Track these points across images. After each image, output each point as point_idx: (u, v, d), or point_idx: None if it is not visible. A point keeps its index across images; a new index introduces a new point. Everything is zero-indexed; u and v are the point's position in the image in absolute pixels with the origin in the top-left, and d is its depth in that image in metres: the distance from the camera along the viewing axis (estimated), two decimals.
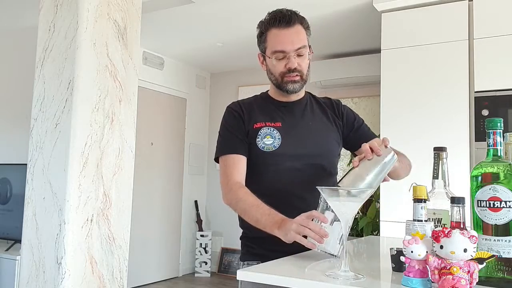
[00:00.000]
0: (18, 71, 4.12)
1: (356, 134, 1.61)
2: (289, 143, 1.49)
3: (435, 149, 1.12)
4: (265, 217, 1.31)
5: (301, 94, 1.58)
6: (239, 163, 1.48)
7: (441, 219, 1.06)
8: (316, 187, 1.08)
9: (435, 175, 1.11)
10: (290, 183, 1.47)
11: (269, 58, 1.50)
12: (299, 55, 1.48)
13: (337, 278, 0.94)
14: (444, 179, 1.10)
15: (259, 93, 1.66)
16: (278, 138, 1.48)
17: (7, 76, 4.25)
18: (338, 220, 1.11)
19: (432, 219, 1.07)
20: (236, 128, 1.52)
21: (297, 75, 1.49)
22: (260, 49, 1.56)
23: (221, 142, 1.55)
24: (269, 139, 1.48)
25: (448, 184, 1.11)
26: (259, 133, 1.49)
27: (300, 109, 1.58)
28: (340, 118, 1.62)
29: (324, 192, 1.06)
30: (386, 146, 1.25)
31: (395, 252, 1.04)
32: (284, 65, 1.48)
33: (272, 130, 1.50)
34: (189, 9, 3.65)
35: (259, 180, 1.49)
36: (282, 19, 1.47)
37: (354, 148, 1.62)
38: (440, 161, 1.11)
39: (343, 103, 1.67)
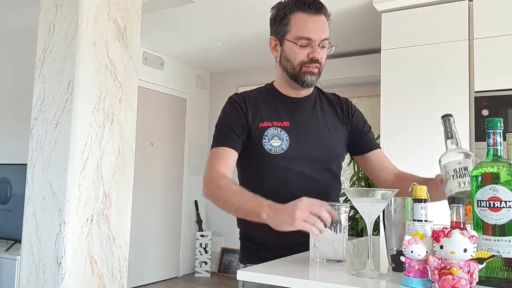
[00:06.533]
0: (18, 71, 4.12)
1: (362, 141, 1.53)
2: (297, 146, 1.38)
3: (443, 116, 1.15)
4: (249, 202, 1.18)
5: (311, 89, 1.48)
6: (227, 156, 1.36)
7: (467, 167, 1.07)
8: (345, 188, 1.10)
9: (449, 136, 1.13)
10: (297, 187, 1.36)
11: (291, 43, 1.37)
12: (322, 47, 1.38)
13: (361, 278, 0.96)
14: (455, 138, 1.13)
15: (263, 85, 1.54)
16: (286, 140, 1.38)
17: (7, 76, 4.25)
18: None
19: (455, 170, 1.08)
20: (235, 123, 1.40)
21: (316, 66, 1.39)
22: (276, 32, 1.43)
23: (217, 136, 1.42)
24: (276, 140, 1.37)
25: (460, 142, 1.13)
26: (266, 133, 1.38)
27: (309, 106, 1.48)
28: (349, 119, 1.53)
29: (350, 192, 1.07)
30: None
31: (395, 252, 1.04)
32: (307, 54, 1.37)
33: (279, 130, 1.39)
34: (189, 9, 3.65)
35: (262, 184, 1.38)
36: (312, 4, 1.37)
37: (354, 153, 1.56)
38: (449, 124, 1.14)
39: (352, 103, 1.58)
